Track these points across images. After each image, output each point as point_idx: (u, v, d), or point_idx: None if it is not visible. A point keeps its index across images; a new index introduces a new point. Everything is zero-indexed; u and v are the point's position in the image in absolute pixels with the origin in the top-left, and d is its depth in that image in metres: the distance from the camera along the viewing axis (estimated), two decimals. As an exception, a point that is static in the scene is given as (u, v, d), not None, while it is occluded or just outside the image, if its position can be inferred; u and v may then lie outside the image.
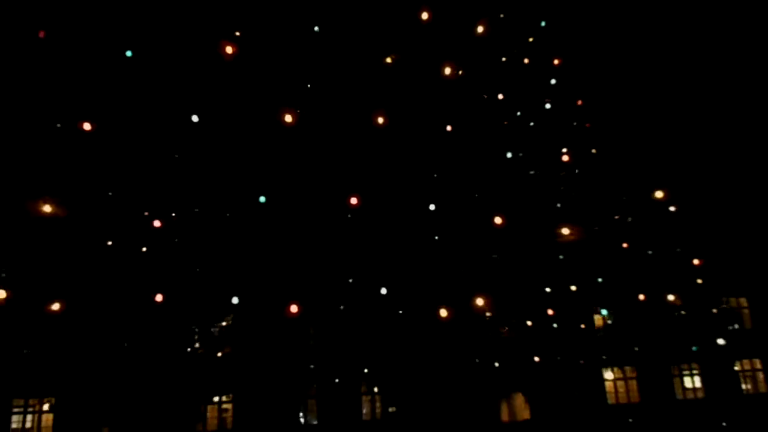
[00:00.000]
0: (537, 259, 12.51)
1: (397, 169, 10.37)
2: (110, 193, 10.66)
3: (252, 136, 10.15)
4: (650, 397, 28.20)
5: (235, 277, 10.95)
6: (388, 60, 10.19)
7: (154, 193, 10.36)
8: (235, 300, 10.66)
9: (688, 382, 29.17)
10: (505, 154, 11.26)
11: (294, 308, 11.20)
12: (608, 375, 28.62)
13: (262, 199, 9.45)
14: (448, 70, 9.42)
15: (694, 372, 29.31)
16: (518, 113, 11.86)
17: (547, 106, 11.67)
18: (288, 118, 9.01)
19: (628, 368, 28.69)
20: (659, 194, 11.96)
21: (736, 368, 29.79)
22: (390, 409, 27.06)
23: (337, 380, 15.10)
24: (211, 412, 24.54)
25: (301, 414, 25.97)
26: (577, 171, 12.97)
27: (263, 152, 10.18)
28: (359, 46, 10.19)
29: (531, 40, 12.46)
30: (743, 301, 30.88)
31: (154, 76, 10.18)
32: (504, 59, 11.57)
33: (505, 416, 29.71)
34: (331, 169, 9.85)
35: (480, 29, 10.49)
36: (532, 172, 12.03)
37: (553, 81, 12.87)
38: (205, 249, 10.61)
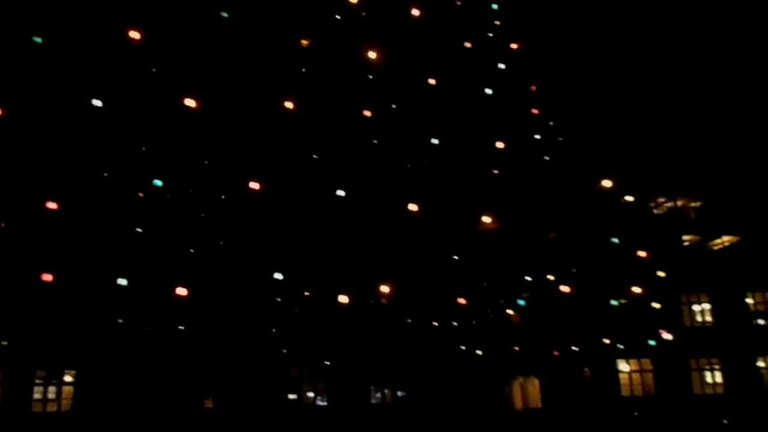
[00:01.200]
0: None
1: (308, 154, 10.28)
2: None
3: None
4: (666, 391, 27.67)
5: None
6: (304, 42, 10.00)
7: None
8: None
9: (708, 377, 28.53)
10: (430, 140, 10.94)
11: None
12: (624, 367, 28.19)
13: (158, 182, 9.46)
14: (372, 54, 9.27)
15: (715, 367, 28.63)
16: (452, 99, 11.52)
17: (488, 91, 11.33)
18: (191, 103, 8.96)
19: (645, 360, 28.20)
20: (607, 184, 11.51)
21: (760, 364, 29.02)
22: (399, 394, 27.31)
23: (327, 362, 15.24)
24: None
25: (312, 395, 26.50)
26: (516, 158, 12.50)
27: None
28: (274, 29, 10.04)
29: (475, 25, 12.10)
30: (769, 296, 29.98)
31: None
32: (444, 43, 11.29)
33: (518, 404, 29.67)
34: (238, 156, 9.79)
35: (415, 12, 10.26)
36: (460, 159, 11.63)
37: (501, 66, 12.54)
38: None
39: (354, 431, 22.90)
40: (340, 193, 9.73)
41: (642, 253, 12.43)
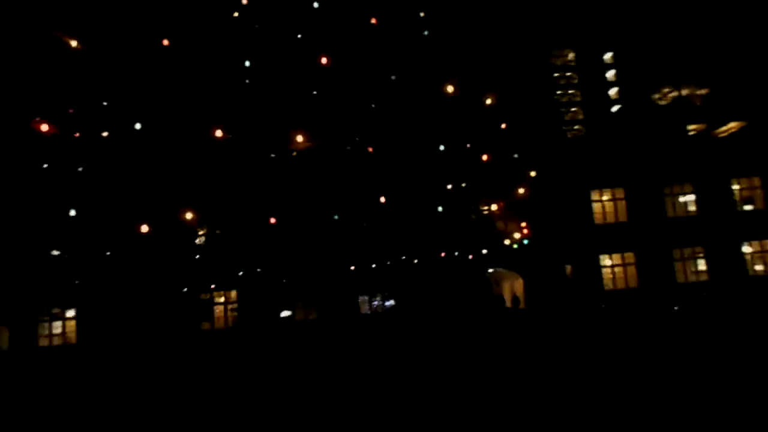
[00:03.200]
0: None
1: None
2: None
3: None
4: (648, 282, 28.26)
5: None
6: (236, 14, 9.76)
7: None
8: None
9: (691, 265, 28.96)
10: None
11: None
12: (606, 262, 28.72)
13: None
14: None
15: (699, 255, 28.97)
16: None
17: (393, 77, 10.86)
18: None
19: (628, 254, 28.65)
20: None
21: (745, 249, 29.28)
22: (387, 303, 28.48)
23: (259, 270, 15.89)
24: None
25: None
26: None
27: None
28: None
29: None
30: (756, 181, 29.72)
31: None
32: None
33: (508, 303, 30.75)
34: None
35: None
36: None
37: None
38: None
39: (345, 340, 24.10)
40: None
41: (484, 157, 12.27)
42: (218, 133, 9.37)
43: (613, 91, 33.59)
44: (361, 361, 15.12)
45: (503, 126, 15.14)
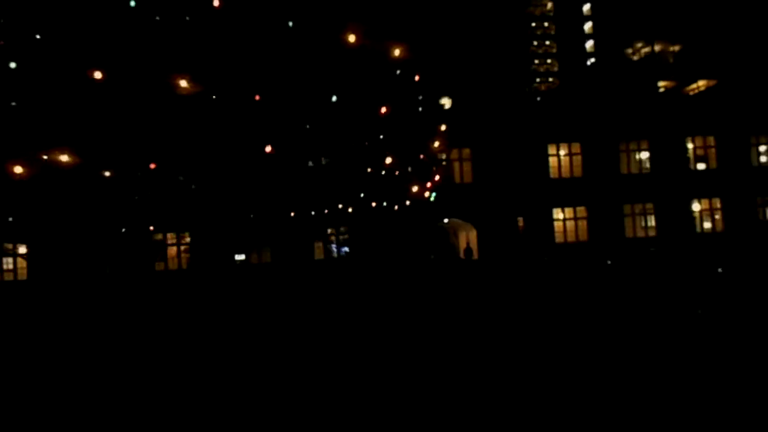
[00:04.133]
0: None
1: None
2: None
3: None
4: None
5: None
6: None
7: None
8: None
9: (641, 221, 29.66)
10: None
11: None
12: (559, 215, 29.24)
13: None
14: None
15: (649, 212, 29.65)
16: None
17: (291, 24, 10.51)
18: None
19: (579, 208, 29.20)
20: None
21: (693, 207, 30.01)
22: (345, 250, 28.91)
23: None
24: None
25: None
26: None
27: None
28: None
29: None
30: (710, 140, 30.21)
31: None
32: None
33: (461, 254, 31.36)
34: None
35: None
36: None
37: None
38: None
39: (295, 282, 24.56)
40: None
41: (383, 109, 12.15)
42: (96, 75, 9.12)
43: (589, 44, 33.53)
44: (305, 305, 15.57)
45: (417, 78, 15.04)
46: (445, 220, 30.17)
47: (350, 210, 21.52)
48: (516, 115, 29.17)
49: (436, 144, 16.63)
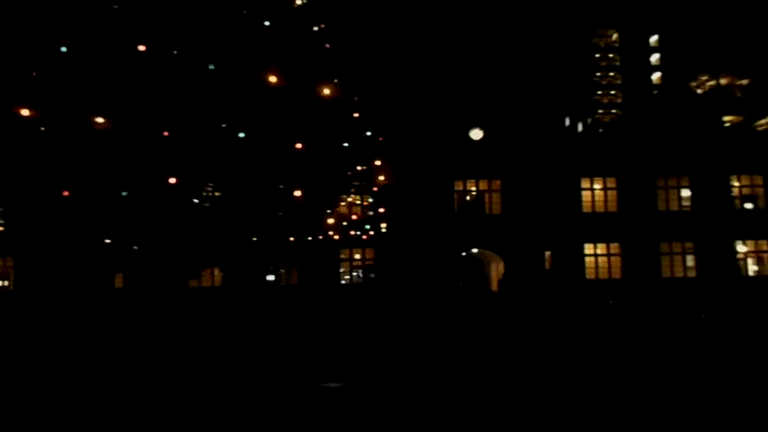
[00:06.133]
0: None
1: None
2: None
3: None
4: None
5: None
6: None
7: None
8: None
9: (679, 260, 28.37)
10: None
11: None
12: (590, 251, 28.42)
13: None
14: None
15: (689, 251, 28.34)
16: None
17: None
18: None
19: (613, 245, 28.29)
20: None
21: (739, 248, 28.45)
22: (371, 275, 29.14)
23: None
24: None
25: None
26: None
27: None
28: None
29: None
30: (758, 179, 28.70)
31: None
32: None
33: (494, 286, 30.93)
34: None
35: None
36: None
37: None
38: None
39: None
40: None
41: (298, 145, 11.88)
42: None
43: (655, 76, 32.22)
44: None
45: (356, 115, 15.13)
46: (474, 250, 29.93)
47: (365, 237, 21.81)
48: (549, 148, 28.77)
49: (365, 177, 16.61)
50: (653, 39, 32.20)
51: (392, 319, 18.33)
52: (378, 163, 16.50)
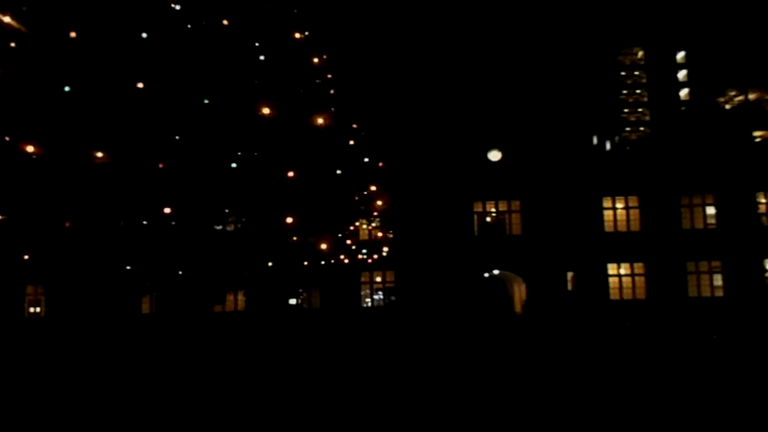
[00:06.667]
0: None
1: None
2: None
3: None
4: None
5: None
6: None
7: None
8: None
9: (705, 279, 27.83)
10: None
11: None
12: (614, 271, 28.07)
13: None
14: None
15: (715, 270, 27.80)
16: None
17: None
18: None
19: (637, 264, 27.91)
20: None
21: (768, 267, 27.81)
22: (392, 298, 29.17)
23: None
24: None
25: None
26: None
27: None
28: None
29: None
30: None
31: None
32: None
33: (518, 307, 30.68)
34: None
35: None
36: None
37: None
38: None
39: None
40: None
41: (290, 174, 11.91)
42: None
43: (683, 93, 31.85)
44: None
45: (351, 143, 15.36)
46: (495, 272, 29.79)
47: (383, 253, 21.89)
48: (569, 167, 28.65)
49: (365, 202, 16.74)
50: (680, 55, 31.95)
51: (415, 341, 18.39)
52: (373, 188, 16.77)
